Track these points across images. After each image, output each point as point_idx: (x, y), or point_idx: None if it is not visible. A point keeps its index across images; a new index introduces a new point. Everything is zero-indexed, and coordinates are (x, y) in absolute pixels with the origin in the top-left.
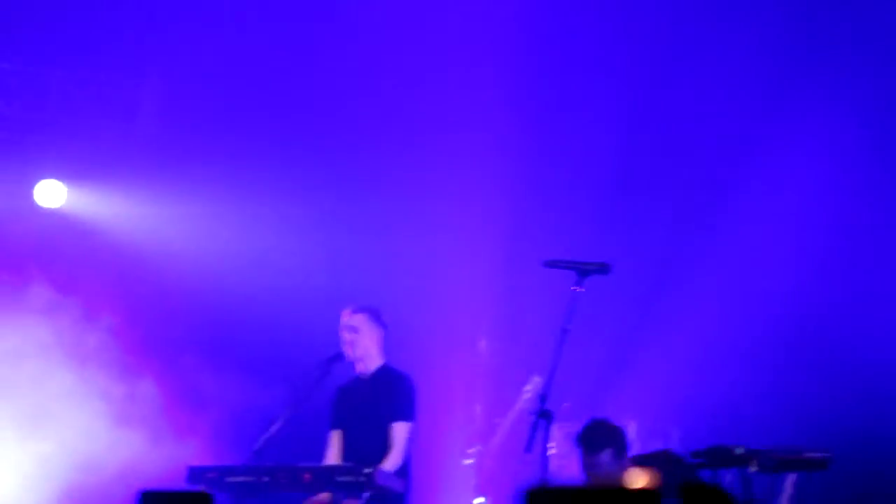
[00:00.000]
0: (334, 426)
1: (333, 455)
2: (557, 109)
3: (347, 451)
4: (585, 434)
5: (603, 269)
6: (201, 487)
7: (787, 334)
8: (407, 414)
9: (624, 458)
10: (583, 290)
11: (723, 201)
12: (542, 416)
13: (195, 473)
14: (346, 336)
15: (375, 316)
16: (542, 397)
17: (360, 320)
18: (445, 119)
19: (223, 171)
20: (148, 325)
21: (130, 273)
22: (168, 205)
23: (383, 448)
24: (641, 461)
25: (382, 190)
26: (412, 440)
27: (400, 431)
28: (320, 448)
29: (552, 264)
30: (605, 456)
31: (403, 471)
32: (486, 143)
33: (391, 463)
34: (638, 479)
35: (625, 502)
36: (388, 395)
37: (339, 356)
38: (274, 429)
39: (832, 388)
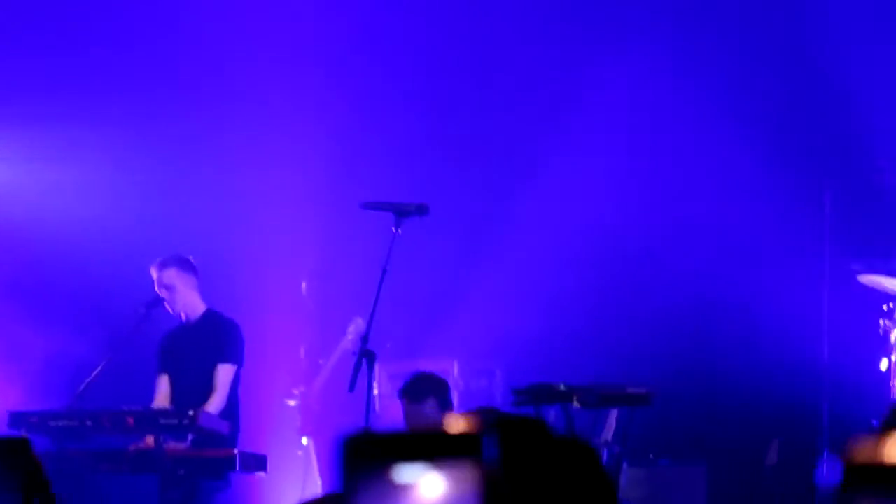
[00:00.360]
0: (161, 370)
1: (161, 399)
2: (375, 47)
3: (175, 396)
4: (409, 385)
5: (421, 210)
6: (22, 433)
7: (608, 271)
8: (231, 356)
9: (447, 409)
10: (400, 231)
11: (544, 140)
12: (365, 356)
13: (16, 419)
14: (163, 294)
15: (185, 266)
16: (365, 338)
17: (171, 276)
18: (263, 58)
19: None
20: None
21: None
22: None
23: (209, 391)
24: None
25: (201, 132)
26: (237, 383)
27: (224, 373)
28: (142, 393)
29: (370, 206)
30: (428, 406)
31: (230, 413)
32: (305, 84)
33: (214, 405)
34: (457, 423)
35: (446, 446)
36: (214, 339)
37: (157, 301)
38: (95, 373)
39: (652, 325)
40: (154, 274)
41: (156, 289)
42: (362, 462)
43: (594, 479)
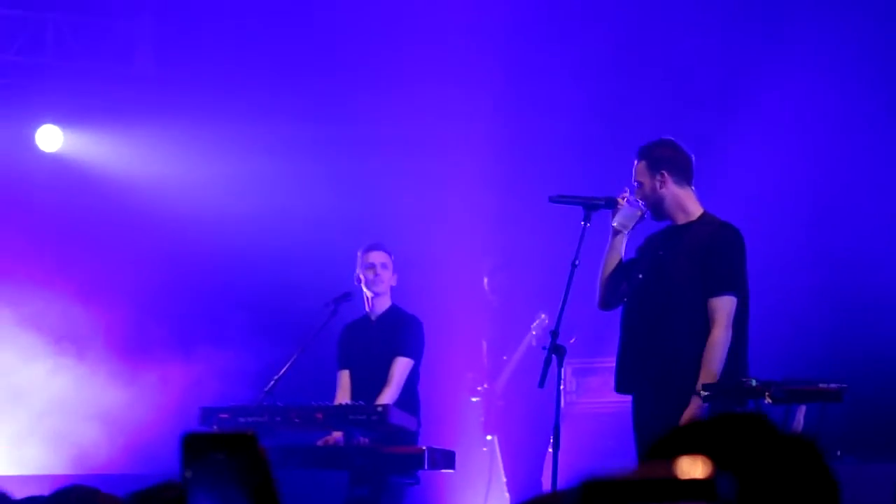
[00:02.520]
0: (342, 366)
1: (341, 395)
2: (558, 38)
3: (356, 391)
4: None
5: (610, 203)
6: (213, 428)
7: (794, 267)
8: (410, 350)
9: (661, 180)
10: (590, 224)
11: (721, 135)
12: (555, 351)
13: (207, 414)
14: (371, 274)
15: (391, 252)
16: (554, 333)
17: (384, 258)
18: (443, 50)
19: (222, 113)
20: (143, 267)
21: (127, 217)
22: (166, 147)
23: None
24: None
25: (383, 126)
26: (416, 379)
27: (399, 367)
28: (331, 389)
29: (558, 199)
30: (639, 166)
31: (412, 409)
32: (492, 76)
33: (388, 396)
34: (692, 466)
35: (682, 491)
36: (396, 332)
37: (347, 295)
38: (285, 369)
39: (847, 318)
40: (362, 254)
41: (358, 270)
42: None
43: (822, 477)
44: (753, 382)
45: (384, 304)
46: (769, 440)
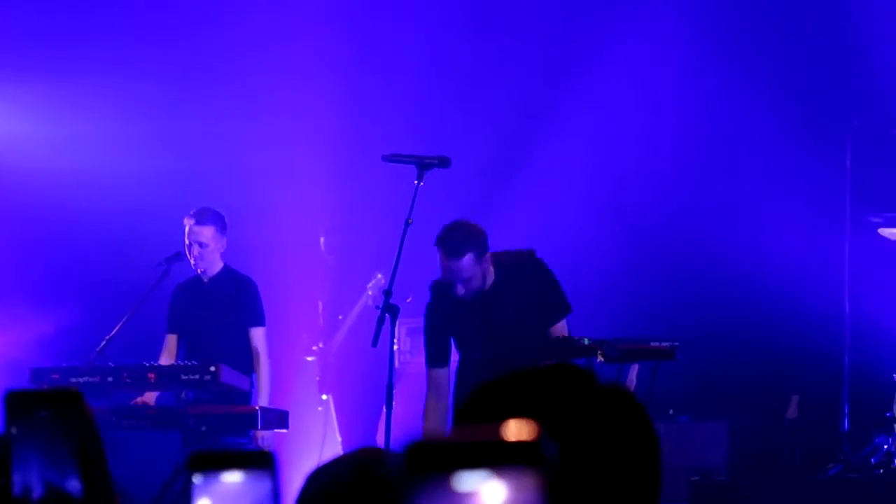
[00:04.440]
0: (171, 329)
1: (166, 358)
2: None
3: (189, 352)
4: (446, 239)
5: (443, 162)
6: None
7: (628, 224)
8: (258, 317)
9: (485, 261)
10: (423, 183)
11: (565, 91)
12: (388, 310)
13: (38, 374)
14: (196, 250)
15: (221, 226)
16: (387, 292)
17: (208, 234)
18: (282, 4)
19: (55, 70)
20: None
21: None
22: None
23: (227, 351)
24: (504, 257)
25: (217, 83)
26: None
27: (261, 336)
28: (161, 349)
29: (391, 158)
30: (467, 260)
31: (247, 370)
32: (325, 34)
33: (265, 369)
34: (518, 429)
35: (507, 454)
36: (236, 299)
37: (179, 255)
38: (116, 329)
39: (671, 280)
40: (189, 226)
41: (185, 239)
42: (424, 469)
43: (642, 429)
44: (586, 341)
45: (216, 266)
46: (588, 392)
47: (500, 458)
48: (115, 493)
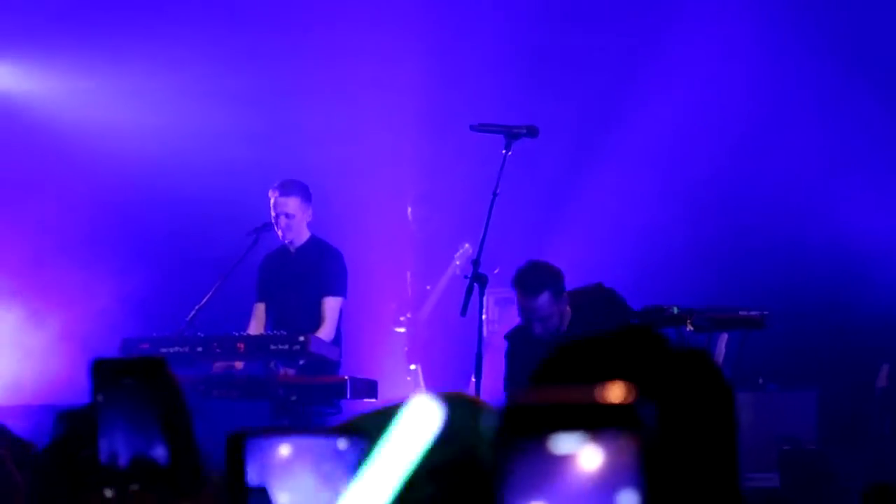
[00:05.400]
0: (260, 298)
1: (255, 326)
2: None
3: (276, 322)
4: (523, 277)
5: (531, 132)
6: None
7: (716, 196)
8: (338, 288)
9: (562, 300)
10: (511, 153)
11: (648, 63)
12: (477, 280)
13: (128, 345)
14: (282, 221)
15: (306, 195)
16: (475, 262)
17: (294, 204)
18: None
19: (147, 59)
20: (65, 202)
21: (41, 152)
22: (84, 79)
23: (312, 321)
24: (577, 296)
25: (306, 51)
26: (343, 313)
27: (331, 305)
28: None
29: (479, 128)
30: (543, 298)
31: (336, 340)
32: (408, 4)
33: (324, 335)
34: (616, 391)
35: (604, 416)
36: (318, 268)
37: (267, 225)
38: (205, 299)
39: (767, 246)
40: (274, 197)
41: (272, 211)
42: (519, 432)
43: (715, 384)
44: (675, 310)
45: (303, 236)
46: (665, 353)
47: (597, 421)
48: (200, 460)
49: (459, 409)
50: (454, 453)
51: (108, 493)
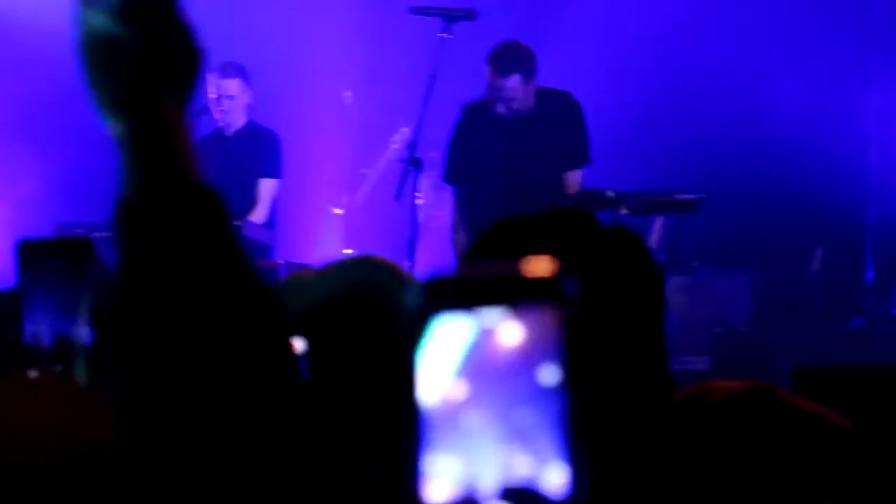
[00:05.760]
0: None
1: None
2: None
3: None
4: (496, 53)
5: (469, 15)
6: None
7: (653, 78)
8: (273, 170)
9: (531, 84)
10: (450, 36)
11: None
12: (412, 163)
13: (63, 229)
14: (224, 104)
15: (247, 77)
16: (411, 145)
17: (234, 86)
18: None
19: None
20: None
21: None
22: None
23: (248, 204)
24: (544, 91)
25: None
26: (278, 196)
27: (266, 187)
28: None
29: (418, 11)
30: (514, 80)
31: (269, 223)
32: None
33: (257, 217)
34: (538, 264)
35: (525, 290)
36: (255, 151)
37: (204, 109)
38: None
39: (702, 130)
40: (213, 79)
41: (209, 93)
42: (442, 305)
43: (642, 264)
44: (610, 193)
45: (239, 120)
46: (593, 231)
47: (518, 294)
48: None
49: (377, 272)
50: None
51: (33, 373)
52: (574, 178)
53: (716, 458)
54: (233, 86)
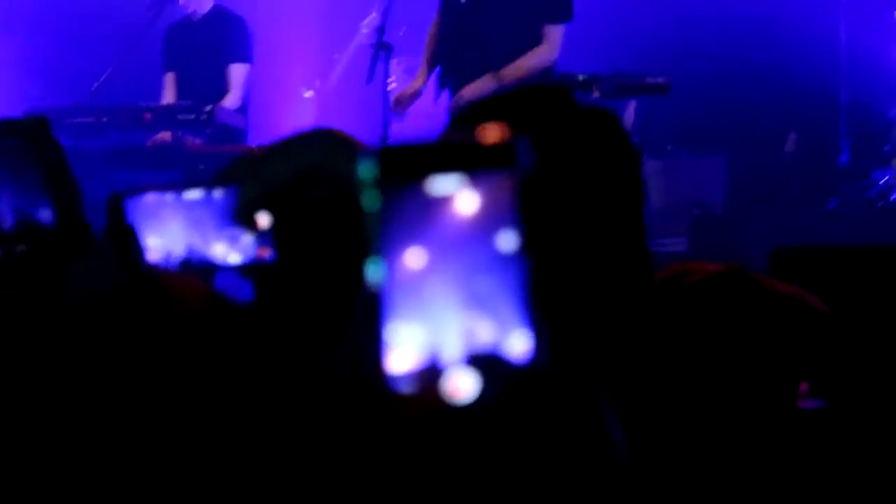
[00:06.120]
0: (167, 68)
1: (168, 97)
2: None
3: (183, 93)
4: None
5: None
6: None
7: None
8: (243, 55)
9: None
10: None
11: None
12: (382, 48)
13: (35, 113)
14: None
15: None
16: (381, 29)
17: None
18: None
19: None
20: None
21: None
22: None
23: (219, 90)
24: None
25: None
26: (249, 80)
27: (238, 72)
28: (156, 90)
29: None
30: None
31: (242, 109)
32: None
33: (230, 103)
34: (492, 131)
35: (480, 157)
36: (223, 37)
37: None
38: (110, 70)
39: (674, 12)
40: None
41: None
42: (395, 174)
43: (619, 144)
44: (581, 77)
45: (205, 5)
46: (571, 110)
47: (473, 162)
48: (86, 222)
49: (331, 146)
50: (325, 190)
51: None
52: (553, 34)
53: (691, 340)
54: None
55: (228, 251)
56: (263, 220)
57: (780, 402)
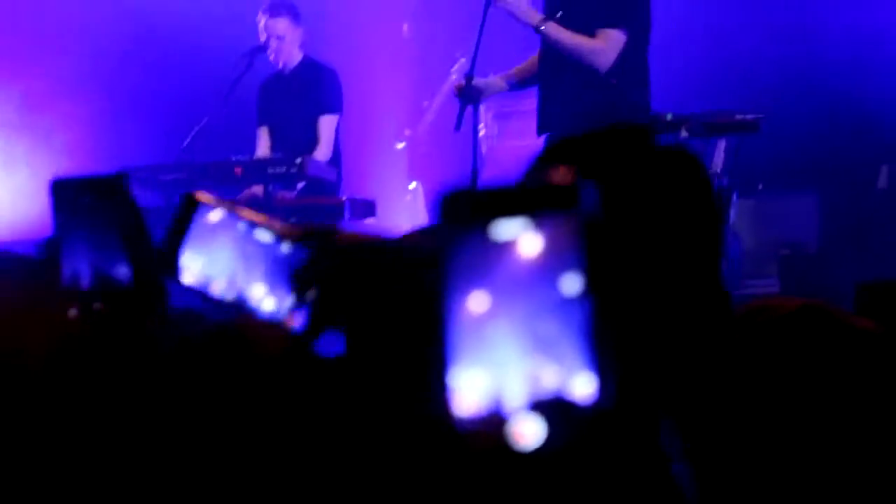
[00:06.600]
0: (261, 122)
1: (262, 151)
2: None
3: (276, 146)
4: None
5: None
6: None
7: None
8: (333, 106)
9: None
10: None
11: None
12: (470, 94)
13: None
14: (273, 44)
15: (296, 16)
16: (468, 76)
17: (283, 26)
18: None
19: None
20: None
21: None
22: None
23: (311, 142)
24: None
25: None
26: (339, 131)
27: (327, 124)
28: (247, 144)
29: None
30: None
31: (334, 161)
32: None
33: (320, 155)
34: (559, 174)
35: (544, 200)
36: (314, 88)
37: (261, 48)
38: (201, 125)
39: (761, 49)
40: (262, 20)
41: (261, 35)
42: (460, 219)
43: (696, 184)
44: (669, 116)
45: (295, 58)
46: (649, 151)
47: (535, 204)
48: (161, 280)
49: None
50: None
51: (72, 312)
52: (606, 34)
53: (768, 376)
54: (281, 26)
55: (265, 297)
56: (312, 293)
57: (856, 438)
